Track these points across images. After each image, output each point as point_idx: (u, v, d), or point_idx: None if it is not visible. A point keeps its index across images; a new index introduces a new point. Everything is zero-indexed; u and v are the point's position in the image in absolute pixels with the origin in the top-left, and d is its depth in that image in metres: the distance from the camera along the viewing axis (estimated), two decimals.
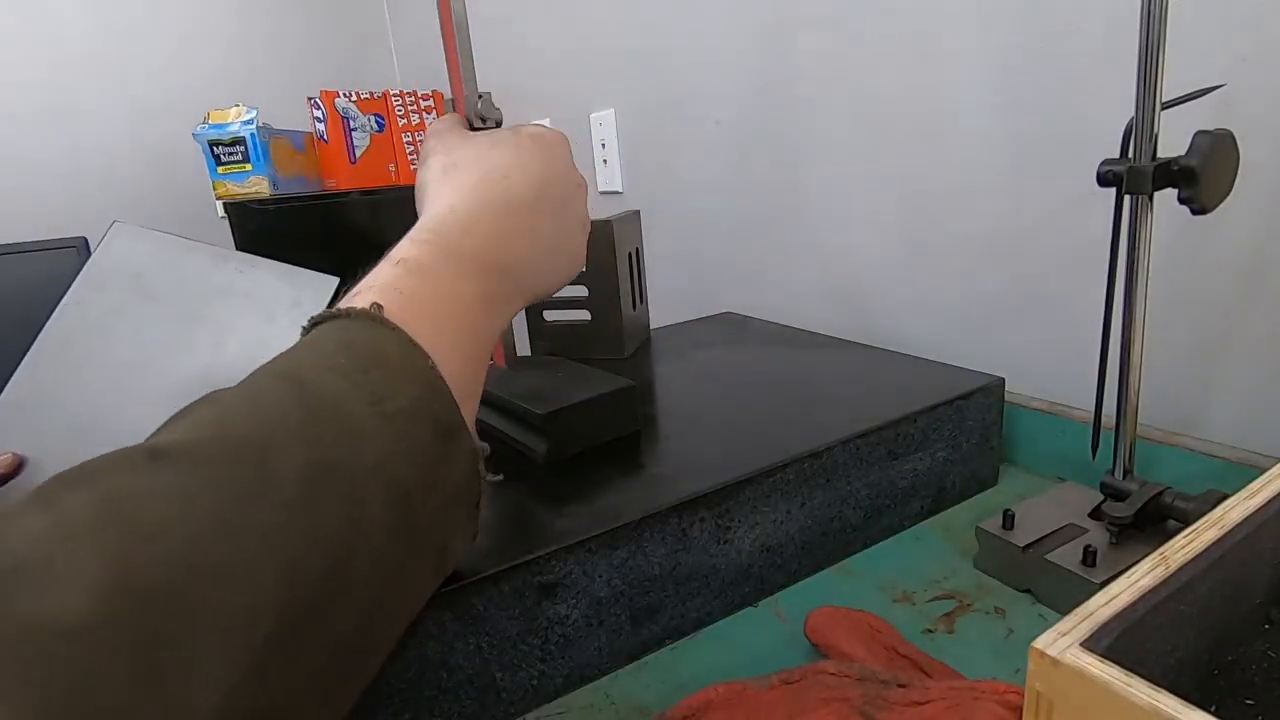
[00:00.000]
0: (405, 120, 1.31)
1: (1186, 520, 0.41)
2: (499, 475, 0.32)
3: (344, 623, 0.23)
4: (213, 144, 1.21)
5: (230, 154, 1.22)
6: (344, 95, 1.26)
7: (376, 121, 1.29)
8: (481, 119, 0.42)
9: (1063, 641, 0.22)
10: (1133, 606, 0.23)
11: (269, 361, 0.27)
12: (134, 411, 0.51)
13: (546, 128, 0.40)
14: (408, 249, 0.33)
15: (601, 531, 0.37)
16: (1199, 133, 0.38)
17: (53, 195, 1.54)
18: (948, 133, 0.65)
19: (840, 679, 0.31)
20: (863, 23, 0.70)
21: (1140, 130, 0.39)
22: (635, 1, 1.02)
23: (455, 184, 0.36)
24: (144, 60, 1.61)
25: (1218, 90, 0.40)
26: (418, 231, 0.34)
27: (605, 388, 0.48)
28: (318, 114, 1.27)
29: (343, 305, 0.30)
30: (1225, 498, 0.30)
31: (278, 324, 0.56)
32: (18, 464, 0.48)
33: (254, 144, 1.22)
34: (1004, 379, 0.53)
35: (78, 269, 0.55)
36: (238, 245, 1.14)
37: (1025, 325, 0.63)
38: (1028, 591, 0.42)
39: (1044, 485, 0.54)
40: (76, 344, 0.53)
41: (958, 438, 0.51)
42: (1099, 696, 0.20)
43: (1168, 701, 0.19)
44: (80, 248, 1.24)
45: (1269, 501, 0.29)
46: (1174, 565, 0.25)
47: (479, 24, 0.44)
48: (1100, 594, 0.24)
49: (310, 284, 0.59)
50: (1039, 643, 0.22)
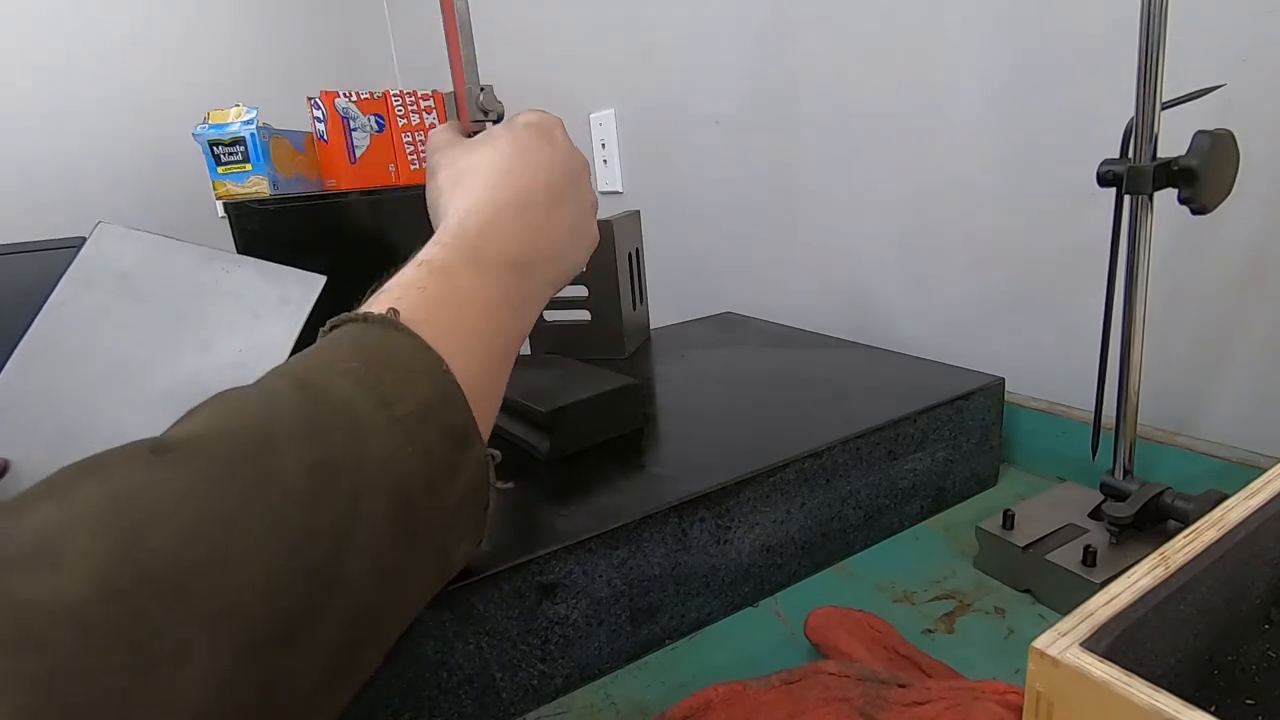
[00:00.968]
0: (405, 120, 1.31)
1: (1186, 520, 0.41)
2: (509, 483, 0.32)
3: (337, 620, 0.23)
4: (213, 144, 1.21)
5: (230, 154, 1.22)
6: (344, 95, 1.25)
7: (376, 121, 1.29)
8: (484, 111, 0.43)
9: (1063, 641, 0.22)
10: (1133, 606, 0.23)
11: (282, 363, 0.27)
12: (122, 412, 0.51)
13: (540, 113, 0.40)
14: (430, 251, 0.33)
15: (601, 531, 0.37)
16: (1199, 133, 0.38)
17: (53, 195, 1.54)
18: (947, 133, 0.65)
19: (840, 679, 0.31)
20: (863, 23, 0.70)
21: (1140, 130, 0.39)
22: (635, 1, 1.02)
23: (466, 192, 0.37)
24: (144, 60, 1.62)
25: (1218, 90, 0.40)
26: (440, 235, 0.35)
27: (609, 385, 0.48)
28: (318, 114, 1.26)
29: (362, 309, 0.30)
30: (1225, 498, 0.30)
31: (265, 322, 0.56)
32: (3, 466, 0.47)
33: (254, 144, 1.22)
34: (1004, 379, 0.53)
35: None
36: (238, 245, 1.14)
37: (1025, 325, 0.63)
38: (1028, 591, 0.42)
39: (1044, 485, 0.54)
40: (63, 345, 0.52)
41: (958, 438, 0.51)
42: (1099, 696, 0.20)
43: (1168, 701, 0.19)
44: (80, 248, 1.23)
45: (1269, 501, 0.29)
46: (1174, 565, 0.25)
47: (480, 23, 0.44)
48: (1100, 594, 0.24)
49: (297, 282, 0.58)
50: (1039, 643, 0.22)
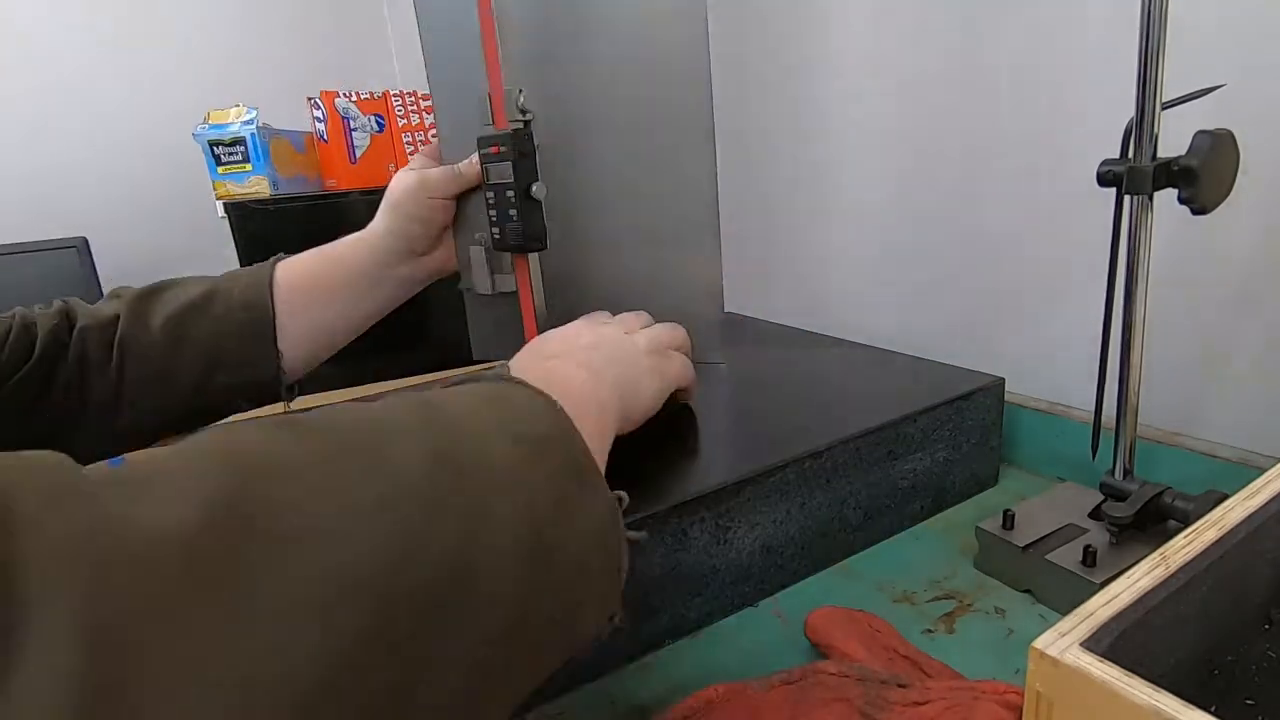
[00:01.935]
0: (405, 120, 1.31)
1: (1186, 520, 0.41)
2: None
3: (467, 639, 0.21)
4: (213, 144, 1.21)
5: (230, 154, 1.22)
6: (344, 95, 1.25)
7: (376, 121, 1.29)
8: (522, 112, 0.45)
9: (1063, 641, 0.22)
10: (1133, 607, 0.23)
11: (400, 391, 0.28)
12: None
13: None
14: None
15: None
16: (1199, 133, 0.38)
17: (53, 195, 1.54)
18: (947, 132, 0.65)
19: (840, 679, 0.31)
20: (860, 21, 0.70)
21: (1140, 130, 0.39)
22: None
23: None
24: (144, 60, 1.61)
25: (1218, 90, 0.40)
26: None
27: None
28: (318, 114, 1.26)
29: None
30: (1225, 498, 0.30)
31: None
32: None
33: (254, 144, 1.22)
34: (1004, 379, 0.53)
35: (78, 269, 0.55)
36: (238, 245, 1.14)
37: (1025, 325, 0.63)
38: (1028, 591, 0.42)
39: (1044, 485, 0.54)
40: None
41: (958, 438, 0.51)
42: (1099, 696, 0.20)
43: (1168, 701, 0.19)
44: (80, 248, 1.23)
45: (1269, 501, 0.29)
46: (1174, 565, 0.25)
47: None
48: (1100, 594, 0.24)
49: None
50: (1039, 643, 0.22)
